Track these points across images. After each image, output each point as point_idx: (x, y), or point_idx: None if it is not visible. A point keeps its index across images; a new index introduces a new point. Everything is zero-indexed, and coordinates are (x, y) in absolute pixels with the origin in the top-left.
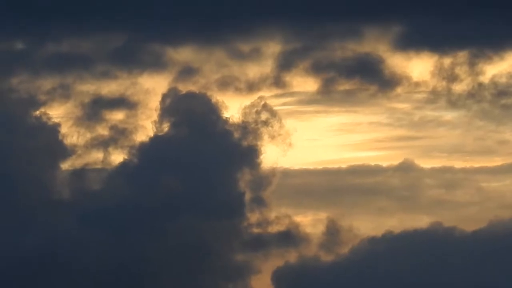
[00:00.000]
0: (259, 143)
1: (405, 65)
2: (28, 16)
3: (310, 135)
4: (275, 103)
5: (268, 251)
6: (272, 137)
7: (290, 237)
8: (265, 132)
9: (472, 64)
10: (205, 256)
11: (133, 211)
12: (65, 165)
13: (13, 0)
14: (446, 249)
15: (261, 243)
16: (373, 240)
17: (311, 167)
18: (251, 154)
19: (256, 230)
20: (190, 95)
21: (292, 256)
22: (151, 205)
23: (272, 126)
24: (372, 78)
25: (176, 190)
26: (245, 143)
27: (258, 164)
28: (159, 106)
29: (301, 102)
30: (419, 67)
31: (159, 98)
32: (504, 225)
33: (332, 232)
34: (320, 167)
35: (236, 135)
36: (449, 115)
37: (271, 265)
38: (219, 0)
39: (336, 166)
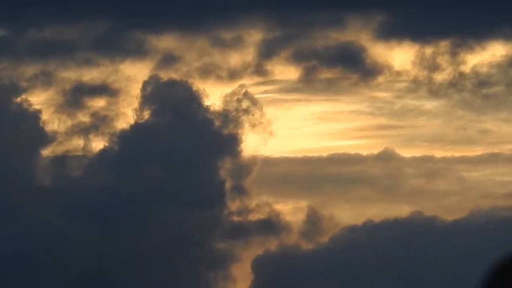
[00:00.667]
0: (240, 131)
1: (387, 55)
2: (10, 3)
3: (291, 124)
4: (256, 91)
5: (248, 240)
6: (253, 126)
7: (271, 225)
8: (246, 120)
9: (453, 53)
10: (186, 244)
11: (113, 198)
12: (46, 152)
13: None
14: (426, 239)
15: (242, 232)
16: (353, 229)
17: (291, 155)
18: (231, 142)
19: (236, 218)
20: (171, 83)
21: (272, 244)
22: (132, 193)
23: (253, 115)
24: (354, 67)
25: (157, 178)
26: (226, 131)
27: (239, 152)
28: (139, 94)
29: (282, 91)
30: (400, 56)
31: (140, 85)
32: (485, 215)
33: (313, 220)
34: (300, 155)
35: (217, 123)
36: (430, 104)
37: (251, 253)
38: None
39: (316, 154)
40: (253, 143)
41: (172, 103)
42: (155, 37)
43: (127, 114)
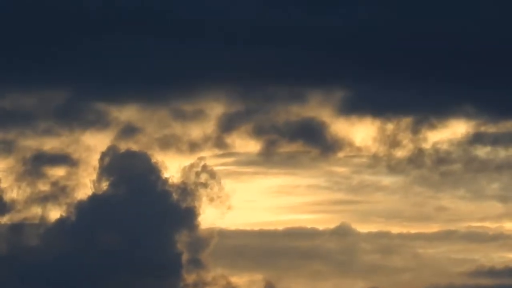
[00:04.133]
0: (197, 204)
1: (348, 130)
2: None
3: (248, 196)
4: (215, 163)
5: None
6: (211, 199)
7: None
8: (204, 194)
9: (414, 130)
10: None
11: (70, 266)
12: (3, 219)
13: None
14: None
15: None
16: None
17: (248, 228)
18: (189, 216)
19: None
20: (130, 154)
21: None
22: (88, 261)
23: (211, 188)
24: (315, 142)
25: (113, 247)
26: (183, 204)
27: (196, 226)
28: (97, 165)
29: (240, 163)
30: (361, 132)
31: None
32: None
33: None
34: (256, 228)
35: (175, 195)
36: (387, 180)
37: None
38: (164, 61)
39: (272, 228)
40: (210, 216)
41: (130, 174)
42: (116, 108)
43: (86, 184)
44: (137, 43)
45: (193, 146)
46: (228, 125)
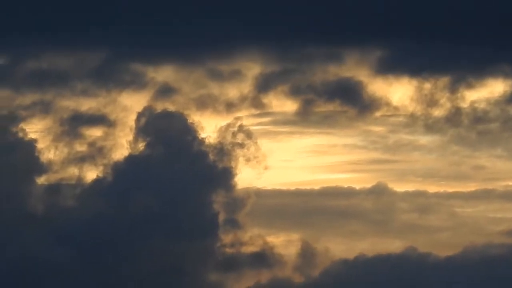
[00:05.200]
0: (234, 164)
1: (385, 90)
2: (9, 33)
3: (284, 156)
4: (251, 123)
5: (241, 272)
6: (248, 160)
7: (262, 258)
8: (240, 154)
9: (452, 89)
10: (178, 276)
11: (105, 227)
12: (41, 180)
13: None
14: (419, 275)
15: (234, 264)
16: (345, 263)
17: (284, 187)
18: (225, 176)
19: (229, 251)
20: (166, 114)
21: (263, 277)
22: (124, 223)
23: (247, 149)
24: (352, 101)
25: (149, 208)
26: (220, 165)
27: (233, 186)
28: (133, 125)
29: (277, 123)
30: (398, 91)
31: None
32: (479, 252)
33: (304, 253)
34: (293, 188)
35: (212, 156)
36: (424, 139)
37: (241, 286)
38: (201, 21)
39: (309, 187)
40: (247, 176)
41: (166, 135)
42: (152, 69)
43: (123, 145)
44: (174, 4)
45: (230, 106)
46: (264, 85)
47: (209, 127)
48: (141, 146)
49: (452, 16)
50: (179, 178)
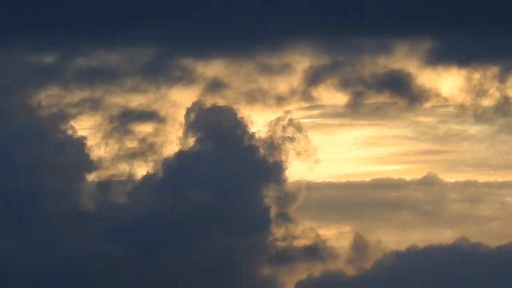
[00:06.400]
0: (284, 158)
1: (435, 80)
2: (58, 30)
3: (334, 148)
4: (301, 116)
5: (293, 265)
6: (298, 153)
7: (314, 251)
8: (290, 147)
9: (501, 79)
10: (230, 270)
11: (157, 224)
12: (91, 178)
13: (43, 14)
14: (470, 265)
15: (286, 257)
16: (397, 254)
17: (334, 180)
18: (276, 170)
19: (281, 244)
20: (215, 109)
21: (316, 270)
22: (176, 218)
23: (298, 142)
24: (401, 93)
25: (201, 204)
26: (271, 159)
27: (284, 180)
28: (183, 121)
29: (326, 115)
30: (448, 82)
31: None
32: None
33: (356, 245)
34: (343, 180)
35: (262, 150)
36: (473, 129)
37: (294, 278)
38: (249, 15)
39: (359, 179)
40: (297, 169)
41: (216, 129)
42: (202, 64)
43: (173, 141)
44: None
45: (280, 100)
46: (314, 78)
47: (259, 121)
48: (191, 141)
49: (500, 5)
50: (229, 173)
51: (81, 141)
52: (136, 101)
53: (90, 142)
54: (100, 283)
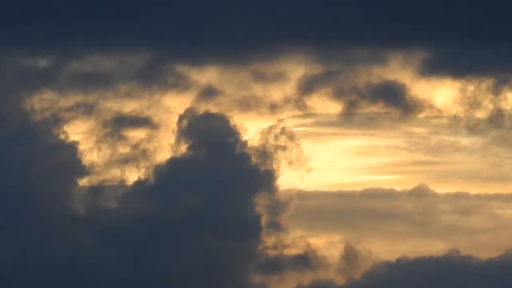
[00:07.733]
0: (276, 166)
1: (428, 92)
2: (53, 34)
3: (326, 157)
4: (294, 124)
5: (283, 274)
6: (290, 162)
7: (305, 260)
8: (282, 156)
9: (495, 91)
10: (220, 278)
11: (148, 228)
12: (83, 182)
13: (37, 18)
14: (461, 277)
15: (277, 266)
16: (387, 265)
17: (326, 189)
18: (268, 178)
19: (271, 253)
20: (208, 117)
21: (305, 279)
22: (166, 223)
23: (290, 151)
24: (395, 103)
25: (192, 209)
26: (262, 167)
27: (275, 188)
28: (176, 128)
29: (319, 124)
30: (442, 94)
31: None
32: None
33: (347, 255)
34: (335, 189)
35: (254, 158)
36: (466, 140)
37: (284, 287)
38: (244, 23)
39: (351, 189)
40: (289, 178)
41: (209, 137)
42: (196, 71)
43: (165, 147)
44: (217, 6)
45: (273, 108)
46: (308, 87)
47: (251, 129)
48: (183, 148)
49: (495, 18)
50: (221, 181)
51: (73, 145)
52: (130, 106)
53: (82, 147)
54: (91, 287)
